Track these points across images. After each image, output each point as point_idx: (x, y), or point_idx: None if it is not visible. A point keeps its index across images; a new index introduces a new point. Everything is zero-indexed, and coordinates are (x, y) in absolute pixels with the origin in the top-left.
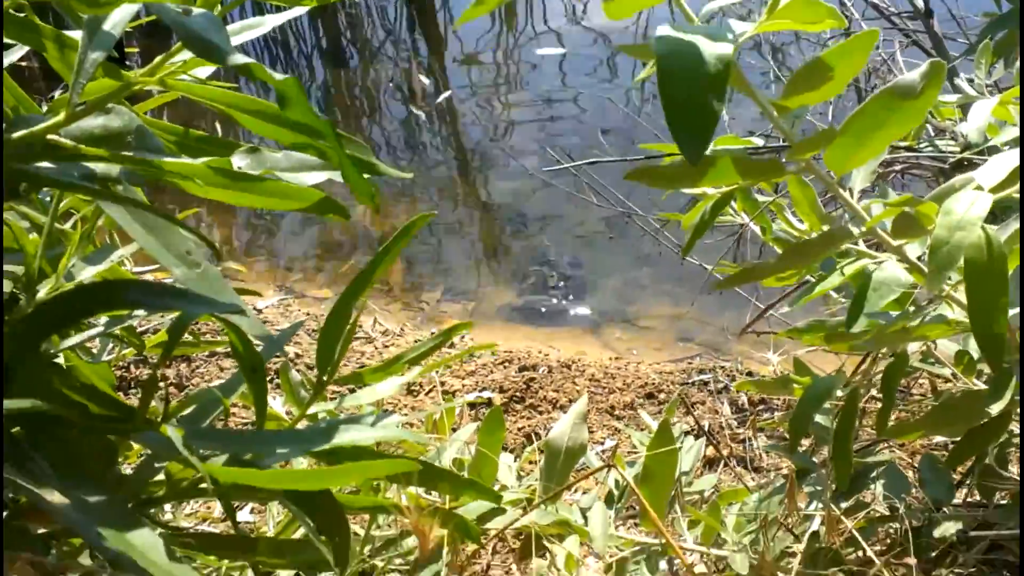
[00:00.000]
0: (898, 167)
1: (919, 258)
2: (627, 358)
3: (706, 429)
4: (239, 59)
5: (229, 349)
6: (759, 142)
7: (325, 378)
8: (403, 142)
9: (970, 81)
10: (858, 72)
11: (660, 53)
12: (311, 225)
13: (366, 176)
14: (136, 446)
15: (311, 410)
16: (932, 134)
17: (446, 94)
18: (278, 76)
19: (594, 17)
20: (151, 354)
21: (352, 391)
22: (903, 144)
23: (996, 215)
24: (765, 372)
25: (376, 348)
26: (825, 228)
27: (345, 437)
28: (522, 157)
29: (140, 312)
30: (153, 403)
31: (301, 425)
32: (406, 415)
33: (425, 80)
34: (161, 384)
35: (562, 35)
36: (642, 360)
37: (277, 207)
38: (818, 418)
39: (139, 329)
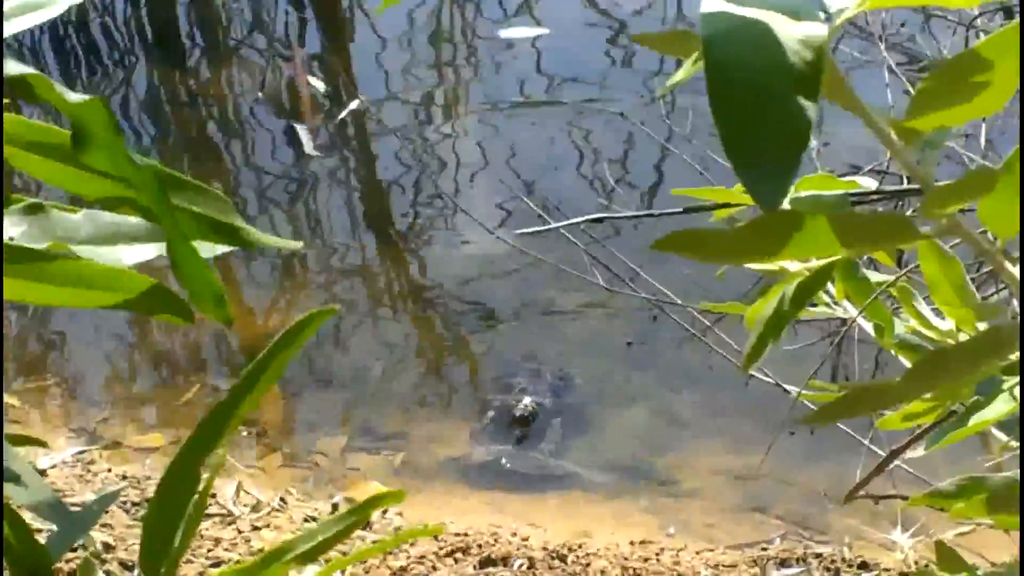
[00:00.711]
0: None
1: None
2: (660, 542)
3: None
4: (9, 68)
5: None
6: (870, 184)
7: None
8: (286, 189)
9: None
10: None
11: (710, 38)
12: (132, 331)
13: (215, 253)
14: None
15: None
16: None
17: (353, 106)
18: (73, 96)
19: None
20: None
21: None
22: None
23: None
24: (890, 563)
25: (241, 533)
26: (982, 326)
27: None
28: (480, 210)
29: None
30: None
31: None
32: None
33: (319, 86)
34: None
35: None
36: (685, 545)
37: (75, 303)
38: None
39: None
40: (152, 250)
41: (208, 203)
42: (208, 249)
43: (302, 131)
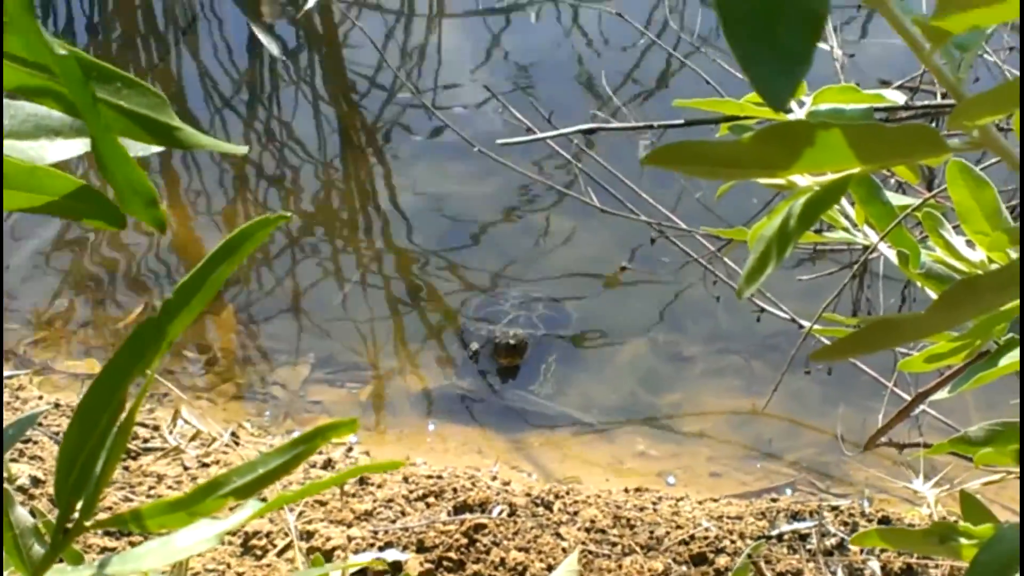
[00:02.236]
0: None
1: None
2: (658, 490)
3: None
4: None
5: None
6: (898, 98)
7: (74, 521)
8: (238, 88)
9: None
10: None
11: None
12: (68, 242)
13: (147, 153)
14: None
15: None
16: None
17: None
18: None
19: None
20: None
21: (138, 546)
22: None
23: None
24: (913, 517)
25: (187, 469)
26: (1015, 254)
27: None
28: (460, 119)
29: None
30: None
31: None
32: None
33: None
34: None
35: None
36: (685, 495)
37: None
38: None
39: None
40: (79, 146)
41: (140, 98)
42: (139, 149)
43: (259, 25)
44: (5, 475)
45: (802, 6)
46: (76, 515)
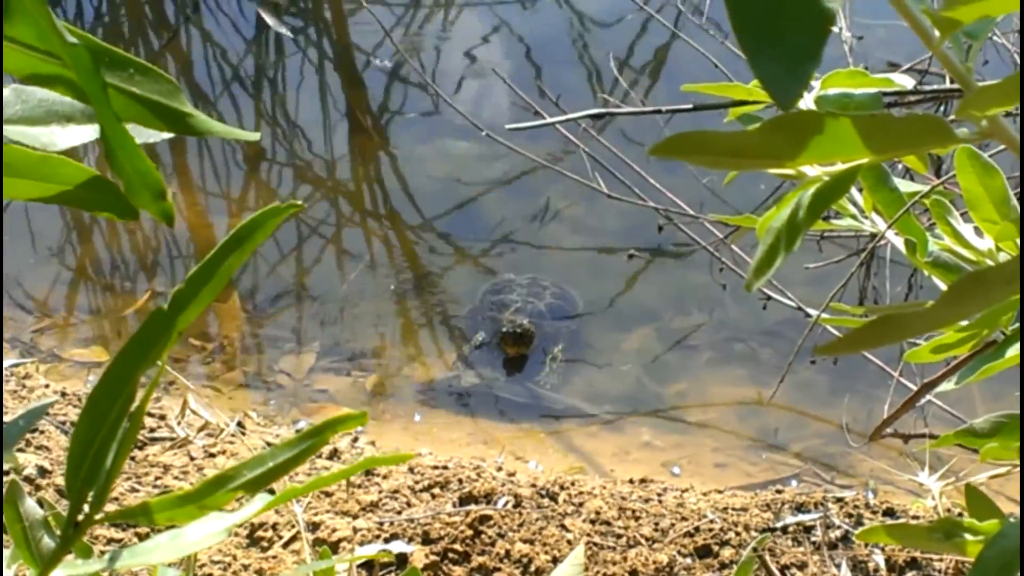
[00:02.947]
0: None
1: None
2: (663, 481)
3: None
4: None
5: None
6: (907, 83)
7: (84, 514)
8: (247, 74)
9: None
10: None
11: None
12: (73, 229)
13: (158, 140)
14: None
15: (57, 575)
16: None
17: None
18: None
19: None
20: None
21: (144, 536)
22: None
23: None
24: (918, 509)
25: (193, 460)
26: None
27: None
28: (470, 104)
29: None
30: None
31: None
32: None
33: None
34: None
35: None
36: (690, 486)
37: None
38: None
39: None
40: (90, 132)
41: (152, 84)
42: (151, 135)
43: (266, 6)
44: (12, 466)
45: (811, 5)
46: (86, 508)
